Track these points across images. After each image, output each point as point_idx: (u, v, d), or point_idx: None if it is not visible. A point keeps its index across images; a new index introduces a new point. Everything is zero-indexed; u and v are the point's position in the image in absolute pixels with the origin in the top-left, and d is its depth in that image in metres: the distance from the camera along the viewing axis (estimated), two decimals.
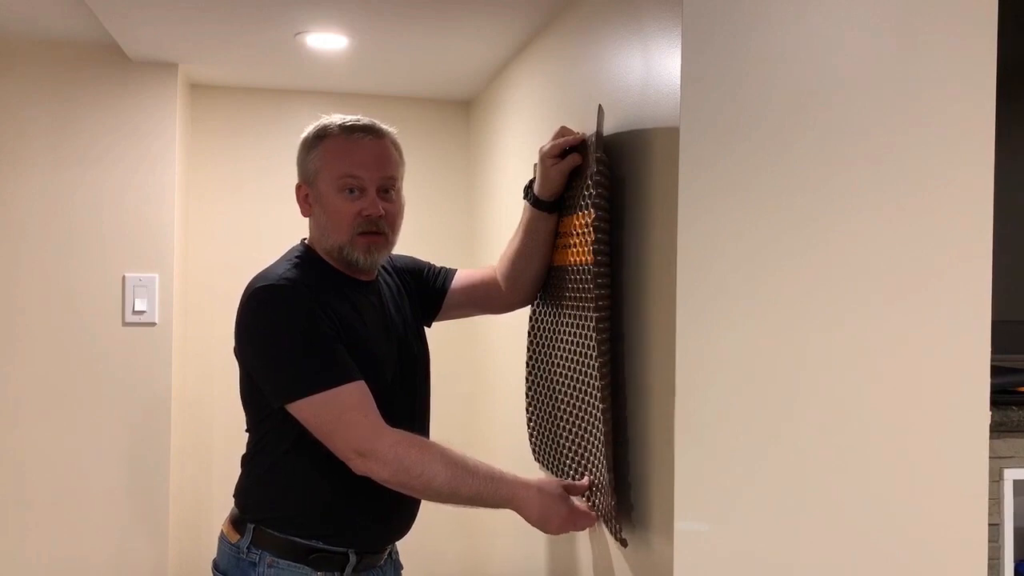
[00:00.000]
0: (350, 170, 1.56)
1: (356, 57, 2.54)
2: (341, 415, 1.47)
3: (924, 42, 1.32)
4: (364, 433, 1.46)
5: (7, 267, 2.58)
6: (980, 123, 1.34)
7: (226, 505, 1.68)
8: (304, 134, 1.63)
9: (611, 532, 1.45)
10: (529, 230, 1.69)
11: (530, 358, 1.81)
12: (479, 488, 1.47)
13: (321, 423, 1.49)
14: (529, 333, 1.81)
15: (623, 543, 1.45)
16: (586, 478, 1.53)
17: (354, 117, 1.62)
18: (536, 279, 1.75)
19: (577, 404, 1.54)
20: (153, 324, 2.63)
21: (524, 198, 1.69)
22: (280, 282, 1.53)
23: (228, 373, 1.62)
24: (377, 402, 1.53)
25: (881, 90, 1.30)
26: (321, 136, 1.60)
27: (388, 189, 1.60)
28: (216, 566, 1.65)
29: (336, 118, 1.62)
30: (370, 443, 1.46)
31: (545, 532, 1.50)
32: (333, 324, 1.51)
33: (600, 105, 1.54)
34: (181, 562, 2.80)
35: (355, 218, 1.56)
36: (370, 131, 1.60)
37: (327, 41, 2.38)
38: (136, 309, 2.61)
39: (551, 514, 1.48)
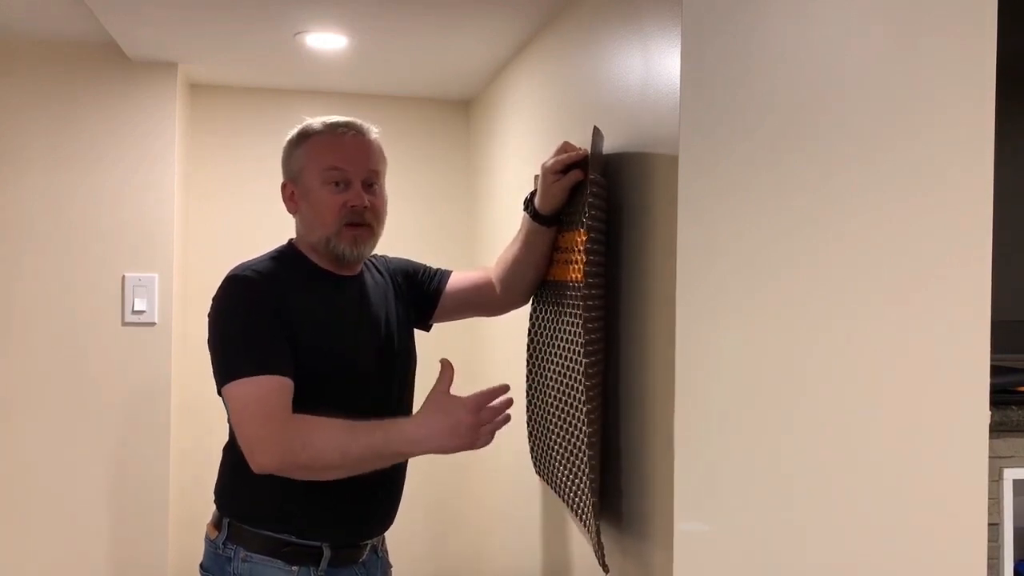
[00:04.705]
0: (335, 163, 1.60)
1: (356, 57, 2.54)
2: (245, 406, 1.46)
3: (924, 42, 1.32)
4: (254, 424, 1.45)
5: (7, 267, 2.57)
6: (980, 123, 1.34)
7: None
8: (288, 135, 1.67)
9: (595, 556, 1.45)
10: (527, 242, 1.69)
11: (529, 372, 1.80)
12: (368, 441, 1.42)
13: (231, 412, 1.50)
14: (528, 346, 1.80)
15: (605, 568, 1.44)
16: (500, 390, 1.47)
17: (337, 116, 1.65)
18: (532, 286, 1.76)
19: (567, 423, 1.53)
20: (153, 324, 2.63)
21: (524, 210, 1.69)
22: (242, 273, 1.57)
23: None
24: (345, 395, 1.55)
25: (881, 90, 1.30)
26: (305, 135, 1.64)
27: (372, 183, 1.63)
28: (201, 566, 1.66)
29: (319, 118, 1.66)
30: (256, 433, 1.44)
31: (459, 448, 1.43)
32: (285, 317, 1.52)
33: (596, 127, 1.53)
34: (180, 562, 2.80)
35: (341, 210, 1.59)
36: (353, 127, 1.64)
37: (327, 41, 2.38)
38: (136, 309, 2.61)
39: (448, 425, 1.42)
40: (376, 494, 1.60)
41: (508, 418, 1.48)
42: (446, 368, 1.49)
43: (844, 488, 1.30)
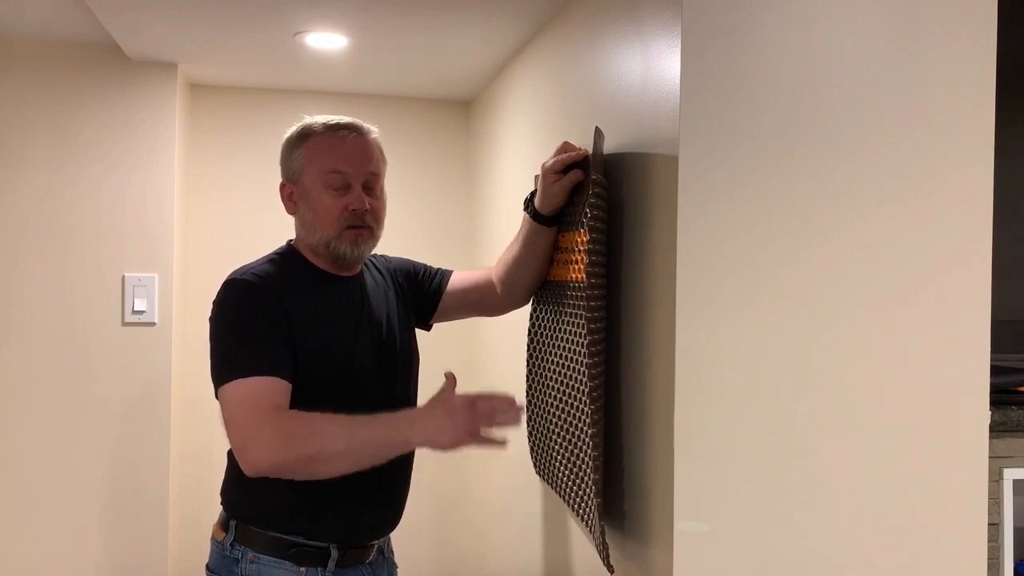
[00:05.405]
0: (335, 166, 1.59)
1: (356, 57, 2.54)
2: (238, 406, 1.44)
3: (924, 42, 1.32)
4: (246, 423, 1.42)
5: (7, 267, 2.57)
6: (980, 123, 1.34)
7: None
8: (287, 134, 1.66)
9: (600, 557, 1.45)
10: (528, 242, 1.69)
11: (529, 372, 1.80)
12: (371, 432, 1.41)
13: (223, 413, 1.47)
14: (528, 346, 1.80)
15: (610, 569, 1.45)
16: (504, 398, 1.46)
17: (337, 116, 1.64)
18: (532, 286, 1.76)
19: (570, 423, 1.53)
20: (153, 324, 2.63)
21: (524, 210, 1.69)
22: (241, 277, 1.56)
23: None
24: (346, 395, 1.54)
25: (881, 90, 1.30)
26: (305, 135, 1.63)
27: (372, 184, 1.63)
28: (207, 567, 1.66)
29: (319, 118, 1.65)
30: (248, 432, 1.41)
31: (455, 431, 1.41)
32: (284, 320, 1.52)
33: (598, 127, 1.53)
34: (181, 562, 2.80)
35: (341, 213, 1.59)
36: (353, 128, 1.63)
37: (326, 41, 2.38)
38: (136, 309, 2.61)
39: (445, 412, 1.41)
40: (383, 495, 1.59)
41: (513, 417, 1.44)
42: (449, 378, 1.48)
43: (844, 488, 1.30)
